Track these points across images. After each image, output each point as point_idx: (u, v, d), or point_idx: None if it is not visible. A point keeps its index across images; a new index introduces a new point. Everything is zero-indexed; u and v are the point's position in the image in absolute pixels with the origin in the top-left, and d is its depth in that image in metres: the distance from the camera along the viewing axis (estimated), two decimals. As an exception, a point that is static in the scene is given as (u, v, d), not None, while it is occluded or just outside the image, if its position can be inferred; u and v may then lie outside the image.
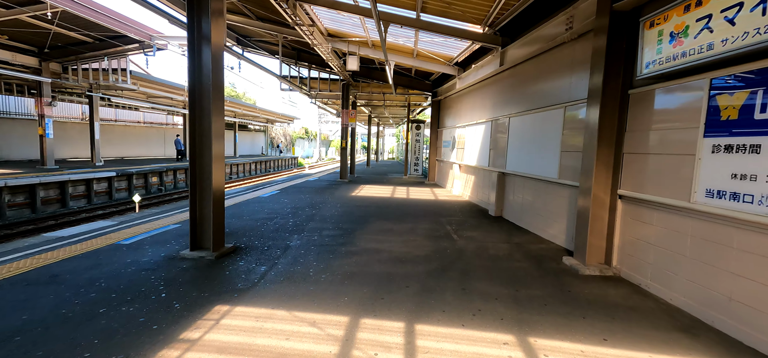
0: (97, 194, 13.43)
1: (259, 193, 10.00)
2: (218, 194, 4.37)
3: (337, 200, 9.10)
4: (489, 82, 8.45)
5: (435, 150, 14.09)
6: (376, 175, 16.98)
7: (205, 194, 4.33)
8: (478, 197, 8.98)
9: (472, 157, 9.48)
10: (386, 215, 7.22)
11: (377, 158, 34.44)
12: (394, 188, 12.23)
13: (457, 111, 11.38)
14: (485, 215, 7.59)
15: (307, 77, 14.89)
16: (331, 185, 12.54)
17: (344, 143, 14.01)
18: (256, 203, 8.17)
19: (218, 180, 4.36)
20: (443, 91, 12.61)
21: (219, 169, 4.36)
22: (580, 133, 4.76)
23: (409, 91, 15.22)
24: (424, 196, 10.36)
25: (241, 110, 27.55)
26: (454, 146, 11.27)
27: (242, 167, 25.41)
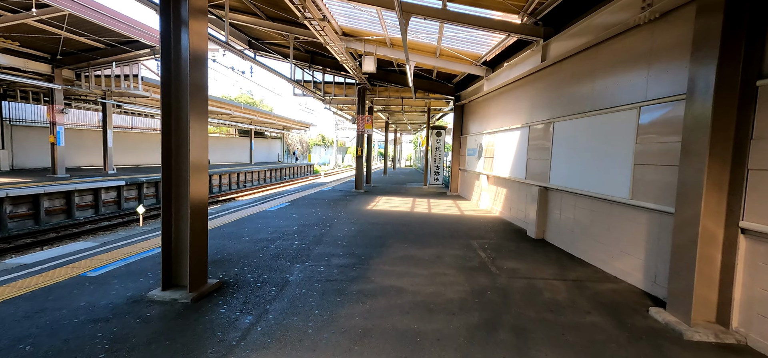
0: (105, 204, 12.99)
1: (266, 206, 9.17)
2: (198, 215, 3.48)
3: (351, 215, 8.14)
4: (526, 81, 7.35)
5: (458, 159, 12.99)
6: (393, 185, 15.99)
7: (181, 216, 3.44)
8: (511, 214, 7.83)
9: (503, 168, 8.35)
10: (407, 236, 6.20)
11: (394, 166, 33.47)
12: (414, 200, 11.19)
13: (484, 116, 10.28)
14: (523, 236, 6.45)
15: (322, 82, 14.12)
16: (346, 196, 11.62)
17: (360, 151, 13.10)
18: (260, 219, 7.31)
19: (199, 198, 3.46)
20: (467, 94, 11.53)
21: (199, 184, 3.47)
22: (664, 141, 3.62)
23: (430, 95, 14.21)
24: (448, 210, 9.28)
25: (257, 117, 27.20)
26: (481, 155, 10.16)
27: (256, 175, 24.94)
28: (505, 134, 8.36)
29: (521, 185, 7.26)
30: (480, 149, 10.36)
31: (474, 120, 11.45)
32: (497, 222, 7.76)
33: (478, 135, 10.70)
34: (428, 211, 9.10)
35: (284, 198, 10.86)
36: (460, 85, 12.44)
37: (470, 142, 11.66)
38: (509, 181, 7.99)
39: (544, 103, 6.46)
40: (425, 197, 12.12)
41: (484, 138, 9.98)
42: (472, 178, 11.31)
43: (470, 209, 9.51)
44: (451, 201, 11.15)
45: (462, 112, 12.80)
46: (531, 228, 6.38)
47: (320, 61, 13.06)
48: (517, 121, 7.67)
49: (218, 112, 22.28)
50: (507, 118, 8.37)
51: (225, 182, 21.15)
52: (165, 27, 3.36)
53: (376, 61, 9.78)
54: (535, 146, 6.68)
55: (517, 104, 7.75)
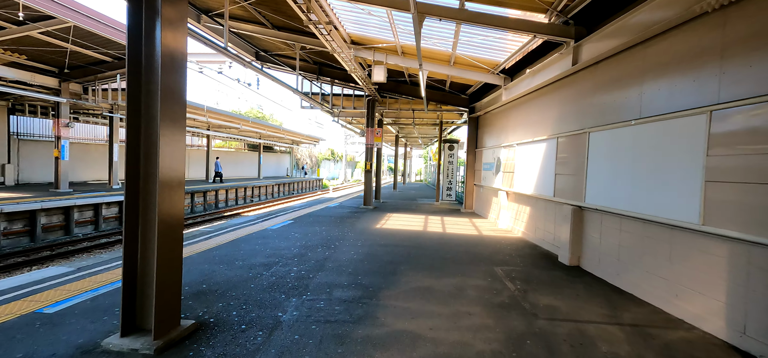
0: (106, 220, 12.58)
1: (268, 224, 8.56)
2: (169, 243, 2.84)
3: (359, 234, 7.45)
4: (552, 88, 6.66)
5: (472, 174, 12.25)
6: (404, 201, 15.28)
7: (148, 243, 2.81)
8: (537, 235, 7.03)
9: (525, 184, 7.59)
10: (421, 261, 5.47)
11: (404, 181, 32.80)
12: (426, 217, 10.45)
13: (502, 127, 9.58)
14: (554, 262, 5.65)
15: (330, 94, 13.66)
16: (354, 212, 10.95)
17: (369, 165, 12.48)
18: (259, 240, 6.67)
19: (170, 221, 2.84)
20: (483, 105, 10.87)
21: (171, 204, 2.85)
22: (755, 152, 2.88)
23: (442, 107, 13.59)
24: (465, 230, 8.51)
25: (266, 131, 26.99)
26: (499, 170, 9.41)
27: (264, 190, 24.52)
28: (527, 147, 7.63)
29: (548, 204, 6.48)
30: (498, 164, 9.62)
31: (490, 133, 10.75)
32: (521, 244, 6.96)
33: (495, 148, 9.98)
34: (443, 230, 8.35)
35: (289, 215, 10.25)
36: (475, 96, 11.80)
37: (486, 156, 10.94)
38: (533, 198, 7.22)
39: (575, 111, 5.73)
40: (438, 214, 11.37)
41: (502, 152, 9.25)
42: (488, 194, 10.54)
43: (488, 229, 8.72)
44: (467, 219, 10.37)
45: (476, 125, 12.12)
46: (563, 253, 5.59)
47: (328, 73, 12.61)
48: (541, 132, 6.95)
49: (226, 126, 22.08)
50: (529, 129, 7.65)
51: (231, 196, 20.74)
52: (133, 15, 2.80)
53: (386, 70, 9.24)
54: (564, 160, 5.93)
55: (542, 114, 7.04)
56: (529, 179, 7.44)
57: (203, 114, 18.25)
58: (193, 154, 25.22)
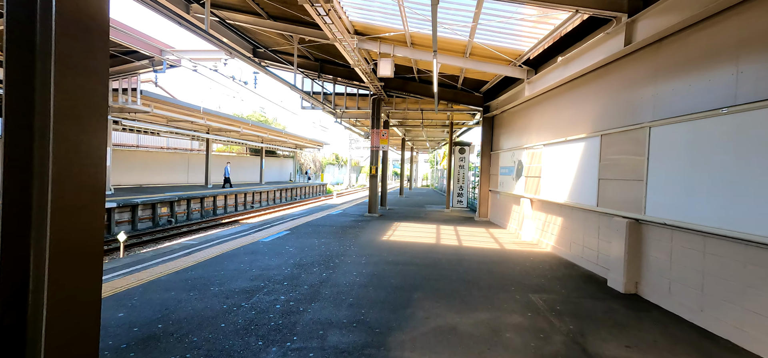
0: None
1: (261, 234, 7.59)
2: (75, 278, 1.86)
3: (363, 248, 6.45)
4: (592, 78, 5.64)
5: (487, 179, 11.21)
6: (411, 208, 14.26)
7: (37, 279, 1.83)
8: (573, 251, 5.97)
9: (556, 190, 6.55)
10: (438, 285, 4.46)
11: (410, 186, 31.79)
12: (438, 228, 9.43)
13: (524, 127, 8.55)
14: (602, 287, 4.60)
15: (332, 93, 12.74)
16: (357, 221, 9.96)
17: (374, 169, 11.51)
18: (246, 255, 5.70)
19: (70, 248, 1.85)
20: (500, 103, 9.86)
21: (80, 217, 1.86)
22: None
23: (453, 107, 12.60)
24: (483, 243, 7.47)
25: (268, 135, 26.18)
26: (520, 174, 8.38)
27: (265, 196, 23.65)
28: (557, 148, 6.60)
29: (589, 215, 5.43)
30: (518, 168, 8.59)
31: (508, 133, 9.72)
32: (554, 262, 5.91)
33: (514, 151, 8.95)
34: (458, 243, 7.32)
35: (286, 224, 9.29)
36: (490, 94, 10.80)
37: (503, 159, 9.90)
38: (567, 208, 6.17)
39: (627, 102, 4.71)
40: (450, 223, 10.33)
41: (524, 154, 8.22)
42: (507, 202, 9.49)
43: (510, 241, 7.67)
44: (483, 229, 9.33)
45: (492, 126, 11.10)
46: (614, 277, 4.53)
47: (330, 71, 11.70)
48: (578, 129, 5.92)
49: (226, 129, 21.28)
50: (560, 127, 6.63)
51: (230, 203, 19.88)
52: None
53: (393, 64, 8.29)
54: (613, 162, 4.89)
55: (577, 109, 6.02)
56: (560, 185, 6.40)
57: (200, 116, 17.45)
58: (193, 158, 24.48)
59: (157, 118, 17.65)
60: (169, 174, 22.63)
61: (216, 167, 24.82)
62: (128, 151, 20.00)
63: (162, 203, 14.81)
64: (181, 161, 23.65)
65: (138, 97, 13.40)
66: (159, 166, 21.90)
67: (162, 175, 22.09)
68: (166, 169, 22.38)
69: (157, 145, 22.02)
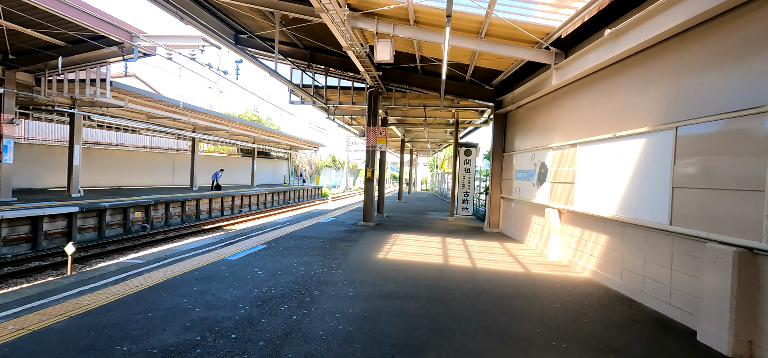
0: (48, 237, 10.28)
1: (229, 250, 6.19)
2: None
3: (352, 272, 5.06)
4: (655, 53, 4.29)
5: (498, 184, 9.85)
6: (411, 215, 12.88)
7: None
8: (625, 281, 4.60)
9: (599, 200, 5.19)
10: (456, 342, 3.07)
11: (409, 190, 30.41)
12: (444, 240, 8.04)
13: (550, 123, 7.21)
14: (691, 343, 3.22)
15: (324, 86, 11.37)
16: (350, 232, 8.57)
17: (370, 172, 10.13)
18: (195, 284, 4.30)
19: None
20: (517, 96, 8.52)
21: None
22: None
23: (460, 103, 11.25)
24: (502, 263, 6.09)
25: (260, 135, 24.77)
26: (544, 179, 7.02)
27: (254, 199, 22.20)
28: (600, 147, 5.24)
29: (657, 236, 4.05)
30: (541, 171, 7.23)
31: (527, 131, 8.37)
32: (602, 296, 4.53)
33: (535, 151, 7.59)
34: (472, 264, 5.94)
35: (265, 234, 7.88)
36: (503, 87, 9.46)
37: (520, 162, 8.55)
38: (617, 223, 4.80)
39: (739, 76, 3.35)
40: (457, 234, 8.95)
41: (549, 155, 6.87)
42: (525, 211, 8.12)
43: (534, 261, 6.29)
44: (496, 243, 7.95)
45: (504, 124, 9.75)
46: (710, 330, 3.15)
47: (321, 60, 10.34)
48: (633, 122, 4.57)
49: (213, 127, 19.86)
50: (604, 121, 5.28)
51: (215, 206, 18.43)
52: None
53: (393, 47, 6.94)
54: (701, 165, 3.53)
55: (634, 95, 4.67)
56: (604, 194, 5.03)
57: (182, 112, 16.04)
58: (179, 159, 23.05)
59: (135, 115, 16.24)
60: (152, 175, 21.18)
61: (204, 169, 23.39)
62: (105, 151, 18.55)
63: (135, 207, 13.37)
64: (166, 162, 22.21)
65: (108, 89, 11.98)
66: (141, 166, 20.45)
67: (144, 176, 20.64)
68: (148, 170, 20.93)
69: (139, 145, 20.58)
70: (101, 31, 9.44)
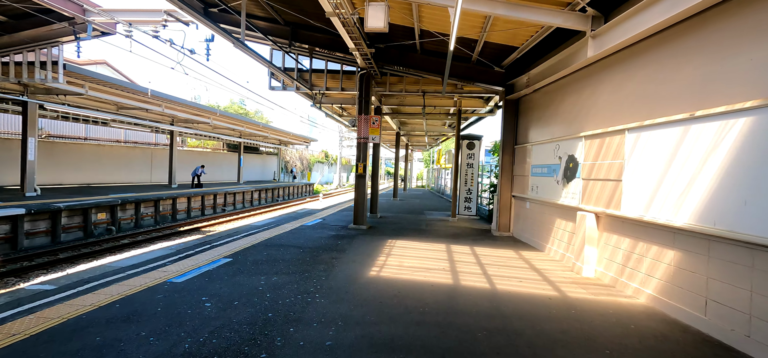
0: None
1: (182, 266, 4.82)
2: None
3: (334, 301, 3.74)
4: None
5: (509, 180, 8.58)
6: (408, 215, 11.58)
7: None
8: (712, 318, 3.33)
9: (666, 204, 3.92)
10: None
11: (405, 186, 29.11)
12: (449, 248, 6.75)
13: (582, 105, 5.92)
14: None
15: (309, 69, 9.98)
16: (337, 238, 7.23)
17: (362, 167, 8.80)
18: (108, 328, 2.94)
19: None
20: (534, 78, 7.22)
21: None
22: None
23: (463, 89, 9.94)
24: (527, 283, 4.80)
25: (246, 129, 23.26)
26: (575, 175, 5.75)
27: (239, 197, 20.72)
28: (671, 132, 3.96)
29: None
30: (569, 165, 5.96)
31: (548, 118, 7.09)
32: (683, 338, 3.27)
33: (560, 141, 6.32)
34: (490, 285, 4.64)
35: (236, 242, 6.53)
36: (515, 68, 8.16)
37: (538, 154, 7.28)
38: (700, 236, 3.52)
39: None
40: (463, 240, 7.67)
41: (581, 145, 5.59)
42: (544, 213, 6.86)
43: (564, 277, 5.03)
44: (512, 252, 6.68)
45: (516, 111, 8.47)
46: None
47: (305, 38, 8.94)
48: (729, 95, 3.29)
49: (194, 120, 18.31)
50: (674, 96, 3.99)
51: (195, 206, 16.95)
52: None
53: (387, 13, 5.62)
54: None
55: (723, 62, 3.38)
56: (677, 195, 3.76)
57: (154, 102, 14.50)
58: (158, 154, 21.44)
59: (103, 105, 14.66)
60: (127, 172, 19.58)
61: (186, 165, 21.84)
62: (73, 145, 16.93)
63: (98, 208, 11.88)
64: (143, 157, 20.60)
65: (60, 73, 10.45)
66: (115, 162, 18.84)
67: (118, 173, 19.04)
68: (123, 166, 19.33)
69: (112, 139, 18.95)
70: (47, 3, 7.95)
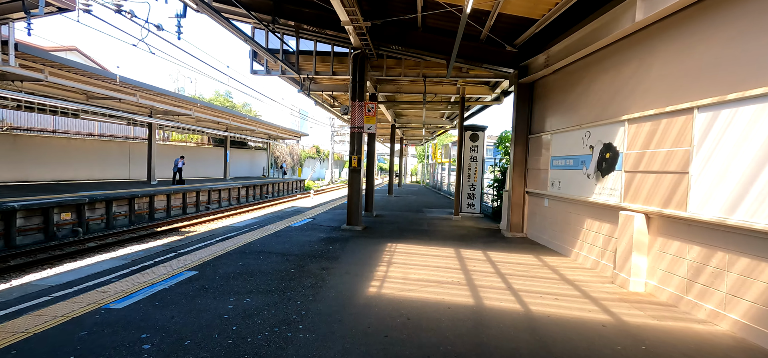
0: None
1: (129, 284, 3.74)
2: None
3: (324, 337, 2.71)
4: None
5: (522, 174, 7.62)
6: (407, 213, 10.59)
7: None
8: None
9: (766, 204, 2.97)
10: None
11: (400, 182, 28.12)
12: (458, 253, 5.77)
13: (622, 84, 4.94)
14: None
15: (295, 51, 8.87)
16: (328, 242, 6.20)
17: (356, 160, 7.76)
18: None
19: None
20: (555, 56, 6.25)
21: None
22: None
23: (469, 72, 8.93)
24: (565, 301, 3.82)
25: (232, 122, 21.95)
26: (613, 167, 4.80)
27: (225, 194, 19.50)
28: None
29: None
30: (605, 156, 5.01)
31: (573, 102, 6.13)
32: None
33: (592, 127, 5.36)
34: (520, 304, 3.66)
35: (207, 249, 5.45)
36: (531, 46, 7.18)
37: (560, 144, 6.32)
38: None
39: None
40: (472, 242, 6.70)
41: (622, 131, 4.64)
42: (569, 212, 5.91)
43: (606, 293, 4.08)
44: (532, 257, 5.73)
45: (531, 96, 7.51)
46: None
47: (291, 13, 7.82)
48: None
49: (173, 111, 16.98)
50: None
51: (175, 204, 15.73)
52: None
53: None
54: None
55: None
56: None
57: (128, 90, 13.21)
58: (136, 148, 20.07)
59: (71, 94, 13.31)
60: (103, 168, 18.21)
61: (168, 160, 20.51)
62: (40, 139, 15.53)
63: (62, 207, 10.65)
64: (120, 152, 19.22)
65: (11, 54, 9.16)
66: (88, 157, 17.46)
67: (92, 169, 17.67)
68: (98, 161, 17.95)
69: (85, 132, 17.54)
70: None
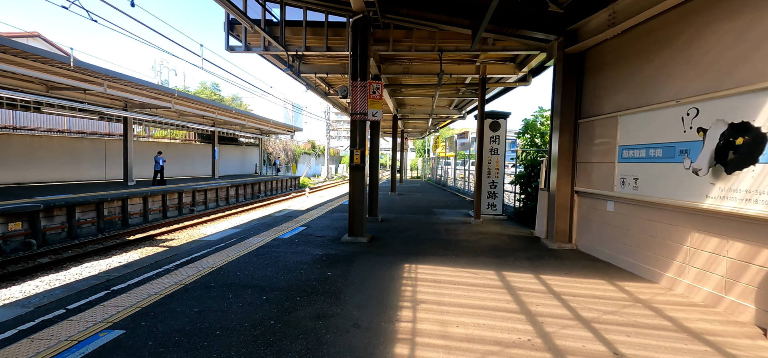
0: None
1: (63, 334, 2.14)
2: None
3: None
4: None
5: (568, 170, 6.05)
6: (416, 216, 9.01)
7: None
8: None
9: None
10: None
11: (401, 178, 26.53)
12: (502, 277, 4.20)
13: (760, 37, 3.36)
14: None
15: (280, 21, 7.20)
16: (325, 264, 4.61)
17: (359, 155, 6.15)
18: None
19: None
20: (624, 11, 4.65)
21: None
22: None
23: (495, 42, 7.28)
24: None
25: (220, 116, 20.17)
26: (747, 158, 3.23)
27: (212, 195, 17.81)
28: None
29: None
30: (729, 141, 3.45)
31: (658, 71, 4.53)
32: None
33: (702, 102, 3.80)
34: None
35: (160, 279, 3.84)
36: (581, 5, 5.57)
37: (638, 128, 4.75)
38: None
39: None
40: (513, 260, 5.13)
41: (767, 105, 3.07)
42: (654, 221, 4.35)
43: (758, 352, 2.55)
44: (607, 284, 4.17)
45: (580, 69, 5.92)
46: None
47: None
48: None
49: (150, 103, 15.20)
50: None
51: (154, 207, 14.05)
52: None
53: None
54: None
55: None
56: None
57: (93, 79, 11.44)
58: (113, 146, 18.28)
59: (22, 83, 11.53)
60: (73, 168, 16.43)
61: (148, 159, 18.77)
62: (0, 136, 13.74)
63: (9, 215, 8.97)
64: (94, 150, 17.42)
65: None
66: (55, 156, 15.67)
67: (61, 169, 15.89)
68: (68, 161, 16.17)
69: (52, 128, 15.74)
70: None
